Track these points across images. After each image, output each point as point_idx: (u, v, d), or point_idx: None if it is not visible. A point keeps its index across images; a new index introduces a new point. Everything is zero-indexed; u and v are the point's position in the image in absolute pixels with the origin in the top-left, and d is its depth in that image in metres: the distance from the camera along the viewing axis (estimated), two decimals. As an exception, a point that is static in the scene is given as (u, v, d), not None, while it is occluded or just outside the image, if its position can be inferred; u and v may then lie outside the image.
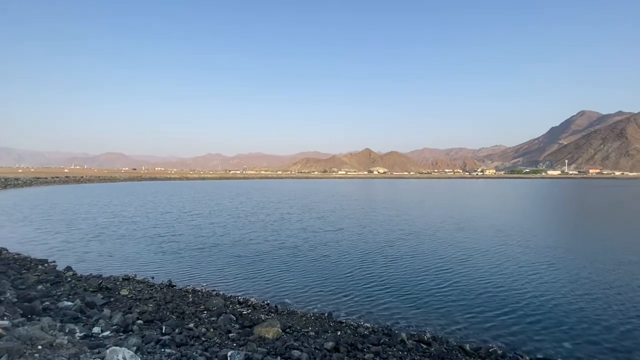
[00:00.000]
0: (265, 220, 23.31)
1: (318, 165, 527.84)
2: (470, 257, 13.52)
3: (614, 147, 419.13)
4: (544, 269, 11.85)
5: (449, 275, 11.21)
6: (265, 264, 12.52)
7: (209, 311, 7.64)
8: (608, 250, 14.81)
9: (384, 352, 5.85)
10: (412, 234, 18.74)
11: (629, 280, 10.59)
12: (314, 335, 6.53)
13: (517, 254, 14.15)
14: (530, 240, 16.93)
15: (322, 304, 8.86)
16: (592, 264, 12.50)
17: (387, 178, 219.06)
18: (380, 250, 14.86)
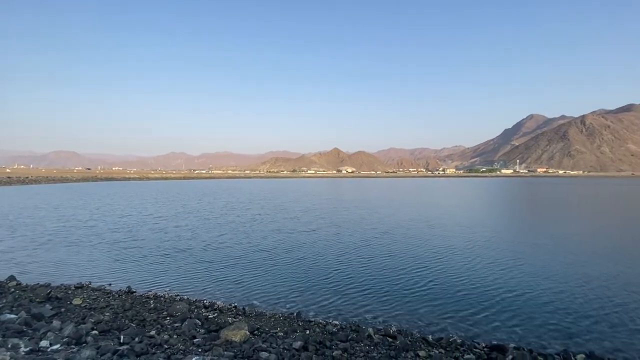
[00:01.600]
0: (235, 222, 22.63)
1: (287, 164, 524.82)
2: (434, 253, 14.17)
3: (557, 148, 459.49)
4: (500, 262, 12.72)
5: (415, 270, 11.67)
6: (234, 266, 12.23)
7: (172, 317, 7.33)
8: (556, 243, 16.22)
9: (351, 347, 5.97)
10: (382, 232, 19.23)
11: (574, 269, 11.68)
12: (283, 335, 6.51)
13: (477, 249, 15.06)
14: (488, 236, 18.08)
15: (292, 304, 8.84)
16: (542, 256, 13.64)
17: (356, 177, 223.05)
18: (350, 248, 15.10)
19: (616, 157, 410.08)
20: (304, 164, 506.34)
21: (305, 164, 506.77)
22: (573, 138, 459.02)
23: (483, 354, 6.10)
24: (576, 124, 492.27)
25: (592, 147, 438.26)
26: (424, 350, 6.07)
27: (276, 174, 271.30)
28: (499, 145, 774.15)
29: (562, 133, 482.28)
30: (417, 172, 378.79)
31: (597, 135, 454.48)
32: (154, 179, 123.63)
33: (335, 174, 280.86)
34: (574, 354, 6.08)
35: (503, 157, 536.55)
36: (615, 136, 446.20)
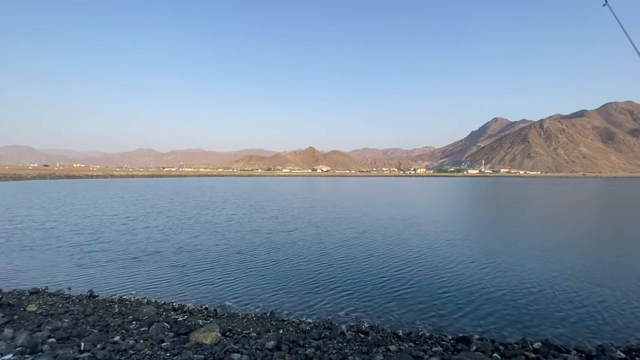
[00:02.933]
0: (210, 222, 21.82)
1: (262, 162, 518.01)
2: (406, 251, 14.59)
3: (519, 150, 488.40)
4: (466, 259, 13.34)
5: (387, 268, 11.95)
6: (206, 268, 11.89)
7: (138, 321, 7.02)
8: (516, 240, 17.26)
9: (324, 345, 6.03)
10: (358, 231, 19.49)
11: (532, 264, 12.49)
12: (256, 336, 6.44)
13: (445, 246, 15.68)
14: (455, 234, 18.89)
15: (265, 303, 8.76)
16: (503, 252, 14.47)
17: (330, 176, 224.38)
18: (325, 247, 15.18)
19: (570, 159, 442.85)
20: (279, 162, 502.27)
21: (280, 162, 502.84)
22: (532, 141, 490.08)
23: (450, 345, 6.39)
24: (535, 127, 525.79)
25: (549, 150, 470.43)
26: (395, 344, 6.26)
27: (250, 172, 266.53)
28: (466, 146, 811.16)
29: (523, 136, 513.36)
30: (390, 171, 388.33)
31: (553, 138, 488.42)
32: (119, 177, 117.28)
33: (310, 173, 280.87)
34: (531, 342, 6.54)
35: (470, 157, 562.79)
36: (569, 139, 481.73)
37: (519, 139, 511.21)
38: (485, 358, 5.49)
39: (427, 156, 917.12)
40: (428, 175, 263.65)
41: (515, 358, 5.78)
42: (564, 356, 5.88)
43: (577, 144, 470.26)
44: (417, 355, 5.61)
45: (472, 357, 5.39)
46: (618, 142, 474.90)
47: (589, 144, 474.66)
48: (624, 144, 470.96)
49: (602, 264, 12.53)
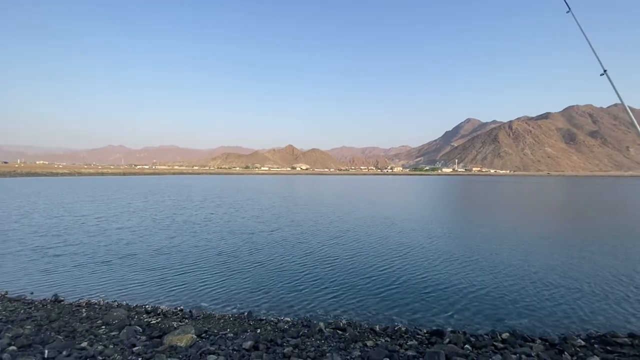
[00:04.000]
0: (187, 222, 21.02)
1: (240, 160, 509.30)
2: (383, 248, 14.85)
3: (489, 150, 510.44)
4: (440, 255, 13.77)
5: (365, 265, 12.11)
6: (182, 269, 11.54)
7: (108, 325, 6.72)
8: (486, 236, 18.01)
9: (302, 343, 6.03)
10: (339, 230, 19.60)
11: (501, 258, 13.09)
12: (233, 336, 6.35)
13: (420, 243, 16.08)
14: (430, 231, 19.43)
15: (243, 303, 8.64)
16: (475, 248, 15.06)
17: (310, 174, 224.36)
18: (304, 247, 15.16)
19: (536, 159, 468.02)
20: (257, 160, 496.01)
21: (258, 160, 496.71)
22: (502, 141, 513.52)
23: (424, 339, 6.59)
24: (505, 128, 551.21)
25: (517, 150, 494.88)
26: (372, 339, 6.37)
27: (228, 170, 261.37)
28: (440, 146, 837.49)
29: (494, 136, 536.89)
30: (368, 170, 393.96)
31: (521, 139, 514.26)
32: (87, 175, 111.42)
33: (289, 171, 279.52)
34: (499, 332, 6.86)
35: (444, 157, 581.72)
36: (535, 140, 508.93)
37: (490, 139, 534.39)
38: (457, 349, 5.70)
39: (404, 155, 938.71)
40: (404, 174, 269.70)
41: (485, 348, 6.05)
42: (530, 345, 6.21)
43: (543, 145, 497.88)
44: (393, 350, 5.74)
45: (445, 349, 5.58)
46: (579, 143, 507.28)
47: (553, 144, 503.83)
48: (584, 144, 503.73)
49: (566, 258, 13.34)
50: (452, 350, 5.57)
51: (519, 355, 5.63)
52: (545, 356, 5.64)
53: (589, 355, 5.76)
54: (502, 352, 5.76)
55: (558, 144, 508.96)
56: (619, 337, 6.76)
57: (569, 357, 5.71)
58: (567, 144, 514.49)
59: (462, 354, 5.50)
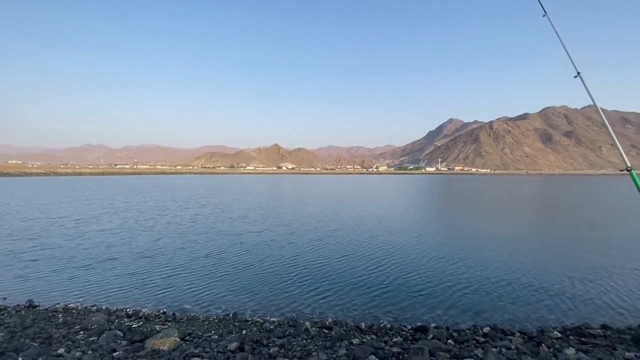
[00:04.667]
0: (171, 223, 20.40)
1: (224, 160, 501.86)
2: (368, 246, 14.98)
3: (471, 149, 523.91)
4: (423, 252, 14.02)
5: (351, 263, 12.18)
6: (165, 271, 11.25)
7: (86, 330, 6.49)
8: (468, 233, 18.47)
9: (288, 343, 6.01)
10: (328, 229, 19.59)
11: (483, 254, 13.45)
12: (217, 338, 6.25)
13: (405, 241, 16.32)
14: (415, 229, 19.75)
15: (228, 305, 8.52)
16: (456, 245, 15.41)
17: (296, 174, 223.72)
18: (292, 247, 15.09)
19: (515, 158, 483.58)
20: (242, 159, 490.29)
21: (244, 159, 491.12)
22: (483, 141, 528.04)
23: (409, 335, 6.69)
24: (485, 128, 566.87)
25: (497, 149, 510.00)
26: (358, 337, 6.42)
27: (213, 170, 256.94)
28: (424, 145, 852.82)
29: (475, 136, 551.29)
30: (354, 169, 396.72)
31: (501, 138, 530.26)
32: (64, 175, 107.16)
33: (275, 171, 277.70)
34: (481, 327, 7.06)
35: (427, 156, 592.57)
36: (514, 140, 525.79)
37: (472, 139, 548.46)
38: (440, 345, 5.82)
39: (389, 154, 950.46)
40: (389, 173, 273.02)
41: (467, 343, 6.20)
42: (509, 338, 6.41)
43: (521, 144, 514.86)
44: (378, 347, 5.80)
45: (429, 344, 5.68)
46: (555, 143, 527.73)
47: (531, 144, 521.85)
48: (560, 144, 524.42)
49: (543, 254, 13.85)
50: (436, 346, 5.69)
51: (499, 348, 5.80)
52: (524, 349, 5.83)
53: (564, 347, 6.00)
54: (483, 346, 5.92)
55: (536, 144, 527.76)
56: (592, 328, 7.08)
57: (546, 349, 5.93)
58: (544, 144, 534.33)
59: (445, 349, 5.62)
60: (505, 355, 5.45)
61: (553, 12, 3.15)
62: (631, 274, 11.01)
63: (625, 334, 6.76)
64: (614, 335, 6.72)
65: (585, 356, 5.44)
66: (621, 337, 6.65)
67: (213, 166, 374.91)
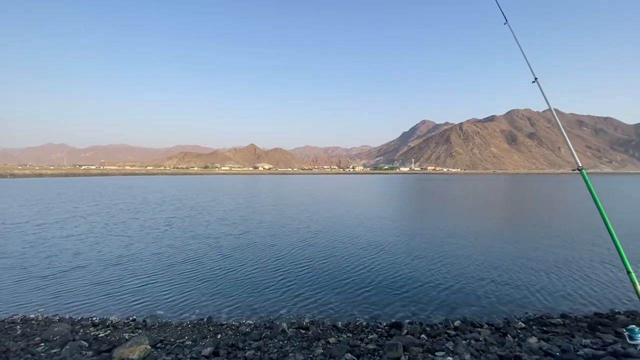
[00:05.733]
0: (144, 227, 19.40)
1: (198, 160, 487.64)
2: (344, 246, 15.14)
3: (443, 150, 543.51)
4: (399, 250, 14.38)
5: (327, 263, 12.25)
6: (134, 277, 10.77)
7: (48, 342, 6.09)
8: (440, 231, 19.13)
9: (265, 345, 5.96)
10: (309, 231, 19.56)
11: (453, 251, 13.98)
12: (191, 344, 6.08)
13: (380, 240, 16.63)
14: (390, 228, 20.22)
15: (202, 309, 8.31)
16: (429, 243, 15.92)
17: (273, 174, 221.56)
18: (265, 247, 14.95)
19: (483, 158, 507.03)
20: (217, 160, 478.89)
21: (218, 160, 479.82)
22: (454, 141, 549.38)
23: (384, 332, 6.84)
24: (456, 129, 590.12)
25: (467, 150, 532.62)
26: (334, 336, 6.48)
27: (186, 170, 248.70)
28: (398, 146, 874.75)
29: (446, 137, 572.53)
30: (331, 169, 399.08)
31: (470, 139, 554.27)
32: (22, 177, 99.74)
33: (251, 171, 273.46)
34: (452, 321, 7.35)
35: (402, 156, 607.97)
36: (482, 141, 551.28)
37: (443, 140, 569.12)
38: (414, 340, 6.00)
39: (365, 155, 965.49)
40: (365, 173, 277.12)
41: (439, 337, 6.44)
42: (478, 330, 6.72)
43: (489, 145, 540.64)
44: (354, 345, 5.89)
45: (403, 340, 5.85)
46: (519, 144, 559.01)
47: (497, 145, 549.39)
48: (523, 145, 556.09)
49: (508, 250, 14.62)
50: (410, 341, 5.86)
51: (469, 340, 6.07)
52: (491, 340, 6.14)
53: (528, 336, 6.38)
54: (454, 339, 6.17)
55: (502, 145, 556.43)
56: (553, 318, 7.57)
57: (511, 339, 6.27)
58: (510, 145, 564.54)
59: (418, 344, 5.80)
60: (474, 346, 5.71)
61: (513, 20, 3.34)
62: (587, 265, 11.88)
63: (582, 322, 7.30)
64: (572, 324, 7.23)
65: (547, 344, 5.81)
66: (579, 325, 7.17)
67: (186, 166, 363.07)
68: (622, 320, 7.24)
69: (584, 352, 5.25)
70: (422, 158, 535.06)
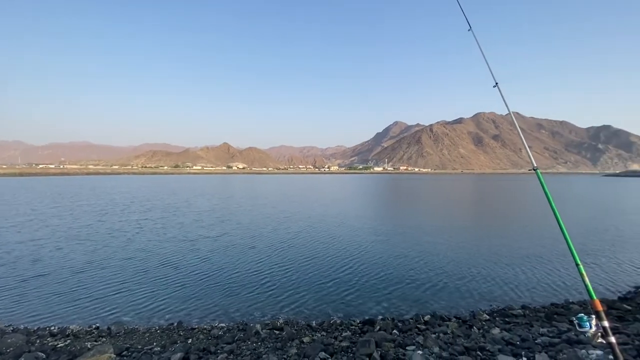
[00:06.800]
0: (112, 230, 18.21)
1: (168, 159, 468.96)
2: (318, 245, 15.20)
3: (414, 150, 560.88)
4: (373, 249, 14.66)
5: (301, 263, 12.25)
6: (98, 283, 10.18)
7: (1, 355, 5.62)
8: (410, 229, 19.72)
9: (238, 348, 5.87)
10: (288, 232, 19.39)
11: (424, 249, 14.46)
12: (160, 350, 5.86)
13: (354, 238, 16.87)
14: (362, 226, 20.54)
15: (172, 313, 8.02)
16: (400, 241, 16.37)
17: (248, 173, 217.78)
18: (238, 248, 14.68)
19: (452, 158, 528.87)
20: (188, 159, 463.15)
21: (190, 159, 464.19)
22: (425, 142, 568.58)
23: (358, 329, 6.96)
24: (427, 131, 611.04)
25: (437, 150, 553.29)
26: (308, 336, 6.50)
27: (155, 170, 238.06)
28: (372, 146, 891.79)
29: (417, 138, 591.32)
30: (306, 169, 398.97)
31: (440, 140, 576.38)
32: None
33: (225, 171, 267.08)
34: (422, 315, 7.61)
35: (375, 156, 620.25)
36: (451, 142, 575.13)
37: (414, 141, 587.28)
38: (386, 335, 6.15)
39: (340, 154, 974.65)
40: (341, 173, 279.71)
41: (410, 331, 6.65)
42: (447, 324, 7.01)
43: (457, 146, 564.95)
44: (328, 343, 5.94)
45: (375, 336, 5.97)
46: (485, 145, 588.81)
47: (465, 146, 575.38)
48: (489, 146, 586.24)
49: (476, 244, 15.36)
50: (382, 337, 5.99)
51: (438, 334, 6.31)
52: (458, 332, 6.43)
53: (491, 327, 6.74)
54: (424, 333, 6.39)
55: (469, 146, 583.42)
56: (514, 309, 8.06)
57: (476, 330, 6.60)
58: (476, 146, 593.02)
59: (390, 339, 5.95)
60: (443, 339, 5.95)
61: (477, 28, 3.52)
62: (545, 259, 12.74)
63: (540, 312, 7.82)
64: (532, 314, 7.73)
65: (508, 334, 6.17)
66: (537, 315, 7.68)
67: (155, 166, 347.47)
68: (576, 310, 7.85)
69: (541, 340, 5.63)
70: (395, 158, 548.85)
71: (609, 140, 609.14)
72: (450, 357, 4.97)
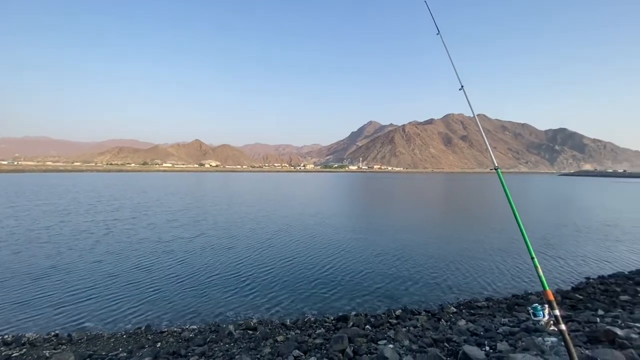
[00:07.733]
0: (76, 231, 17.05)
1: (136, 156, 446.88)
2: (292, 244, 15.19)
3: (387, 150, 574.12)
4: (346, 246, 14.86)
5: (275, 262, 12.18)
6: (58, 288, 9.53)
7: (-60, 371, 5.14)
8: (386, 226, 20.18)
9: (210, 349, 5.75)
10: (266, 231, 19.10)
11: (395, 245, 14.85)
12: (126, 355, 5.62)
13: (328, 236, 17.01)
14: (337, 225, 20.76)
15: (140, 317, 7.70)
16: (375, 238, 16.72)
17: (221, 171, 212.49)
18: (209, 249, 14.34)
19: (423, 158, 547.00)
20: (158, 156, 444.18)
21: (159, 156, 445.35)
22: (397, 142, 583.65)
23: (331, 325, 7.04)
24: (399, 131, 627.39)
25: (409, 150, 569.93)
26: (283, 334, 6.49)
27: (120, 167, 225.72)
28: (347, 145, 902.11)
29: (391, 138, 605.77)
30: (282, 167, 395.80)
31: (412, 140, 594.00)
32: None
33: (197, 168, 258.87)
34: (394, 310, 7.84)
35: (350, 155, 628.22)
36: (422, 142, 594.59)
37: (388, 140, 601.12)
38: (359, 331, 6.27)
39: (315, 153, 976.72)
40: (316, 171, 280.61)
41: (382, 326, 6.82)
42: (417, 317, 7.27)
43: (428, 146, 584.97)
44: (302, 341, 5.96)
45: (349, 332, 6.08)
46: (454, 145, 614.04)
47: (435, 146, 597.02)
48: (457, 147, 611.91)
49: (444, 241, 16.00)
50: (355, 332, 6.11)
51: (408, 327, 6.53)
52: (428, 325, 6.68)
53: (458, 319, 7.07)
54: (395, 327, 6.58)
55: (439, 146, 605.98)
56: (479, 302, 8.50)
57: (444, 323, 6.90)
58: (446, 146, 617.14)
59: (362, 335, 6.07)
60: (413, 332, 6.16)
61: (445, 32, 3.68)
62: (509, 253, 13.53)
63: (503, 304, 8.31)
64: (495, 306, 8.19)
65: (473, 325, 6.50)
66: (500, 306, 8.15)
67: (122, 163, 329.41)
68: (534, 300, 8.42)
69: (502, 330, 5.99)
70: (369, 157, 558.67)
71: (565, 142, 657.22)
72: (420, 349, 5.16)
